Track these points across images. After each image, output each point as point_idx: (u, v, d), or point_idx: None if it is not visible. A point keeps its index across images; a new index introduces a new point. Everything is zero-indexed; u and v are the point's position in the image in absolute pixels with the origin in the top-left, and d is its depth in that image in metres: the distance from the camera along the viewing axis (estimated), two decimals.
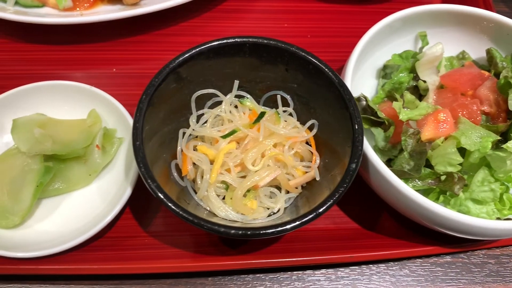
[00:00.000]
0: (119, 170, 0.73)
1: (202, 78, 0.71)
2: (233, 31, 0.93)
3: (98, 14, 0.85)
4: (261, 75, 0.73)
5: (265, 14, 0.95)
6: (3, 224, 0.67)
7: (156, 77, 0.66)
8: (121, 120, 0.75)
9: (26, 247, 0.66)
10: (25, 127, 0.71)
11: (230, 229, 0.56)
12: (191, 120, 0.72)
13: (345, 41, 0.91)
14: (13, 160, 0.71)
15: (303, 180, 0.69)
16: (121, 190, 0.69)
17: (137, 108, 0.63)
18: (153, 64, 0.86)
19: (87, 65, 0.87)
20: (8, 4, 0.85)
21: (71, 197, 0.72)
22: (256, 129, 0.70)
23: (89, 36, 0.89)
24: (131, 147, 0.72)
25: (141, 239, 0.71)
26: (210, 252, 0.70)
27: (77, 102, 0.77)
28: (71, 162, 0.72)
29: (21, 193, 0.68)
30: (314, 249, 0.72)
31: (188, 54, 0.67)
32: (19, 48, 0.87)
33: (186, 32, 0.92)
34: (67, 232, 0.68)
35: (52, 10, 0.87)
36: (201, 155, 0.67)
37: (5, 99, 0.74)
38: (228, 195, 0.68)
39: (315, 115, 0.71)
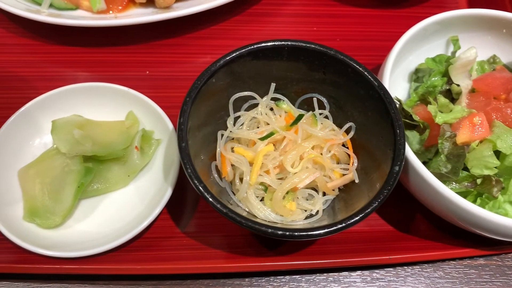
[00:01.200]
0: (157, 171, 0.74)
1: (240, 81, 0.72)
2: (262, 35, 0.93)
3: (131, 17, 0.86)
4: (297, 78, 0.74)
5: (294, 18, 0.96)
6: (45, 224, 0.68)
7: (199, 80, 0.66)
8: (159, 122, 0.75)
9: (67, 247, 0.67)
10: (65, 128, 0.72)
11: (278, 230, 0.57)
12: (229, 122, 0.73)
13: (374, 44, 0.93)
14: (52, 160, 0.72)
15: (341, 182, 0.70)
16: (161, 191, 0.70)
17: (182, 110, 0.64)
18: (184, 67, 0.89)
19: (120, 67, 0.87)
20: (43, 7, 0.86)
21: (110, 198, 0.73)
22: (293, 131, 0.71)
23: (121, 38, 0.90)
24: (168, 149, 0.74)
25: (178, 239, 0.72)
26: (247, 253, 0.71)
27: (114, 104, 0.78)
28: (109, 163, 0.73)
29: (62, 194, 0.69)
30: (349, 251, 0.72)
31: (229, 57, 0.68)
32: (53, 50, 0.88)
33: (217, 36, 0.92)
34: (107, 232, 0.69)
35: (85, 13, 0.88)
36: (240, 157, 0.68)
37: (43, 100, 0.75)
38: (267, 196, 0.68)
39: (352, 118, 0.72)
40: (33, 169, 0.71)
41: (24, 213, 0.69)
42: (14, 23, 0.91)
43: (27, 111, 0.74)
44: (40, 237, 0.67)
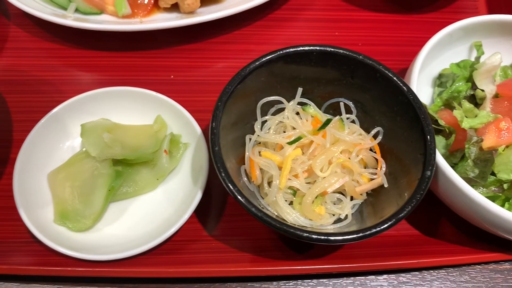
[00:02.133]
0: (185, 175, 0.75)
1: (268, 85, 0.72)
2: (284, 39, 0.94)
3: (156, 22, 0.87)
4: (324, 83, 0.74)
5: (315, 23, 0.96)
6: (75, 227, 0.69)
7: (230, 84, 0.67)
8: (186, 125, 0.76)
9: (97, 250, 0.68)
10: (94, 132, 0.73)
11: (312, 234, 0.57)
12: (256, 126, 0.73)
13: (395, 49, 0.94)
14: (81, 164, 0.72)
15: (370, 187, 0.70)
16: (190, 195, 0.71)
17: (213, 114, 0.65)
18: (207, 72, 0.90)
19: (144, 71, 0.88)
20: (68, 11, 0.87)
21: (138, 201, 0.73)
22: (321, 135, 0.71)
23: (145, 43, 0.90)
24: (196, 152, 0.75)
25: (206, 243, 0.72)
26: (274, 257, 0.71)
27: (141, 108, 0.78)
28: (138, 166, 0.73)
29: (92, 197, 0.70)
30: (376, 255, 0.73)
31: (259, 62, 0.69)
32: (78, 54, 0.89)
33: (239, 40, 0.93)
34: (136, 235, 0.70)
35: (110, 17, 0.89)
36: (269, 161, 0.69)
37: (71, 104, 0.76)
38: (296, 200, 0.69)
39: (379, 123, 0.72)
40: (63, 173, 0.72)
41: (55, 216, 0.69)
42: (39, 27, 0.91)
43: (55, 114, 0.75)
44: (71, 240, 0.68)
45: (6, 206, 0.73)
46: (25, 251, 0.70)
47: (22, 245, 0.70)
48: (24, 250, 0.70)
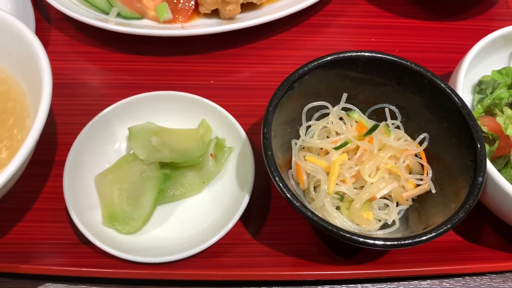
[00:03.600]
0: (230, 179, 0.75)
1: (314, 91, 0.73)
2: (321, 45, 0.95)
3: (197, 27, 0.88)
4: (369, 88, 0.75)
5: (352, 29, 0.97)
6: (124, 229, 0.69)
7: (280, 89, 0.68)
8: (230, 130, 0.77)
9: (145, 252, 0.68)
10: (141, 135, 0.73)
11: (368, 239, 0.58)
12: (301, 131, 0.74)
13: (432, 56, 0.94)
14: (129, 167, 0.73)
15: (417, 193, 0.70)
16: (236, 198, 0.71)
17: (265, 119, 0.65)
18: (247, 77, 0.90)
19: (185, 76, 0.89)
20: (110, 16, 0.88)
21: (184, 204, 0.74)
22: (367, 141, 0.72)
23: (185, 48, 0.91)
24: (241, 156, 0.76)
25: (251, 246, 0.72)
26: (319, 261, 0.71)
27: (185, 112, 0.79)
28: (184, 169, 0.74)
29: (141, 199, 0.70)
30: (419, 260, 0.73)
31: (307, 67, 0.70)
32: (118, 58, 0.90)
33: (277, 46, 0.94)
34: (184, 238, 0.70)
35: (150, 22, 0.90)
36: (316, 166, 0.69)
37: (117, 108, 0.77)
38: (343, 205, 0.69)
39: (425, 128, 0.73)
40: (111, 175, 0.73)
41: (104, 218, 0.70)
42: (80, 31, 0.93)
43: (103, 117, 0.76)
44: (119, 242, 0.68)
45: (53, 208, 0.74)
46: (73, 252, 0.70)
47: (70, 246, 0.71)
48: (72, 251, 0.70)
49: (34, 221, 0.74)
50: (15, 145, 0.68)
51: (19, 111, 0.71)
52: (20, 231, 0.72)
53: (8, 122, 0.70)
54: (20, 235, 0.72)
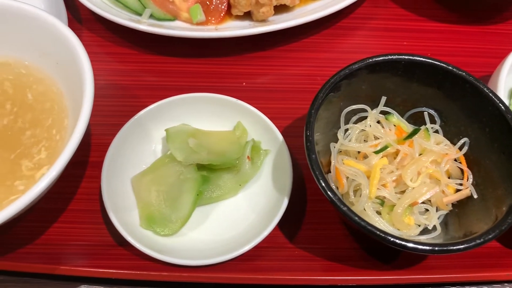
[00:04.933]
0: (266, 181, 0.75)
1: (353, 94, 0.72)
2: (352, 48, 0.94)
3: (230, 29, 0.88)
4: (408, 92, 0.74)
5: (383, 32, 0.97)
6: (163, 231, 0.69)
7: (321, 92, 0.67)
8: (266, 132, 0.76)
9: (183, 254, 0.67)
10: (178, 137, 0.73)
11: (418, 244, 0.57)
12: (339, 134, 0.73)
13: (465, 60, 0.93)
14: (167, 168, 0.73)
15: (458, 198, 0.69)
16: (274, 202, 0.71)
17: (307, 122, 0.65)
18: (279, 79, 0.90)
19: (217, 78, 0.88)
20: (143, 17, 0.88)
21: (220, 206, 0.73)
22: (407, 145, 0.71)
23: (216, 49, 0.91)
24: (277, 159, 0.75)
25: (289, 250, 0.72)
26: (358, 266, 0.71)
27: (220, 114, 0.79)
28: (220, 172, 0.74)
29: (179, 201, 0.70)
30: (457, 266, 0.72)
31: (348, 69, 0.69)
32: (150, 60, 0.90)
33: (308, 48, 0.93)
34: (222, 241, 0.70)
35: (183, 24, 0.90)
36: (357, 170, 0.68)
37: (153, 109, 0.76)
38: (383, 210, 0.68)
39: (465, 133, 0.72)
40: (148, 177, 0.72)
41: (141, 220, 0.70)
42: (111, 32, 0.93)
43: (139, 119, 0.75)
44: (158, 244, 0.68)
45: (88, 209, 0.74)
46: (109, 254, 0.70)
47: (106, 248, 0.70)
48: (108, 253, 0.70)
49: (70, 222, 0.73)
50: (54, 145, 0.68)
51: (57, 112, 0.71)
52: (56, 232, 0.72)
53: (47, 122, 0.70)
54: (56, 236, 0.72)
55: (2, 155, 0.67)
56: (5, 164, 0.66)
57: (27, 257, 0.70)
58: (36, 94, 0.72)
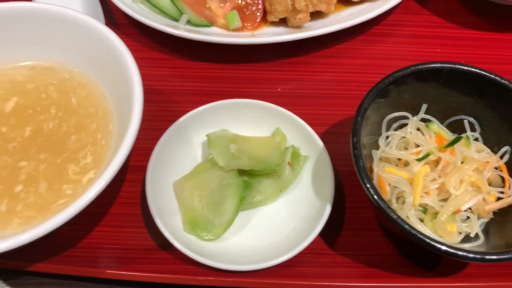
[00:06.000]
0: (306, 188, 0.75)
1: (395, 101, 0.73)
2: (385, 55, 0.95)
3: (267, 35, 0.88)
4: (448, 100, 0.74)
5: (415, 39, 0.97)
6: (206, 236, 0.69)
7: (366, 99, 0.68)
8: (305, 138, 0.77)
9: (226, 259, 0.68)
10: (220, 142, 0.74)
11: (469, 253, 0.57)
12: (381, 141, 0.73)
13: (500, 68, 0.93)
14: (208, 173, 0.73)
15: (500, 206, 0.69)
16: (315, 208, 0.71)
17: (354, 129, 0.65)
18: (315, 85, 0.90)
19: (252, 84, 0.89)
20: (180, 23, 0.89)
21: (260, 212, 0.74)
22: (448, 153, 0.71)
23: (251, 55, 0.92)
24: (317, 166, 0.76)
25: (330, 256, 0.72)
26: (400, 272, 0.71)
27: (258, 120, 0.79)
28: (261, 177, 0.74)
29: (222, 206, 0.70)
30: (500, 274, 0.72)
31: (392, 77, 0.69)
32: (185, 65, 0.91)
33: (342, 54, 0.94)
34: (264, 246, 0.70)
35: (219, 30, 0.91)
36: (400, 177, 0.69)
37: (195, 114, 0.77)
38: (426, 217, 0.68)
39: (507, 141, 0.72)
40: (190, 182, 0.73)
41: (185, 224, 0.70)
42: (147, 37, 0.94)
43: (180, 124, 0.76)
44: (201, 248, 0.68)
45: (129, 213, 0.75)
46: (152, 258, 0.70)
47: (148, 252, 0.71)
48: (152, 257, 0.70)
49: (111, 226, 0.74)
50: (99, 150, 0.69)
51: (102, 116, 0.72)
52: (98, 236, 0.73)
53: (91, 127, 0.71)
54: (98, 240, 0.72)
55: (49, 159, 0.68)
56: (52, 168, 0.67)
57: (71, 260, 0.70)
58: (79, 98, 0.73)
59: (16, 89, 0.74)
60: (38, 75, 0.75)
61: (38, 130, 0.70)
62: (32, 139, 0.69)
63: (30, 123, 0.71)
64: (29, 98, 0.73)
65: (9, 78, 0.75)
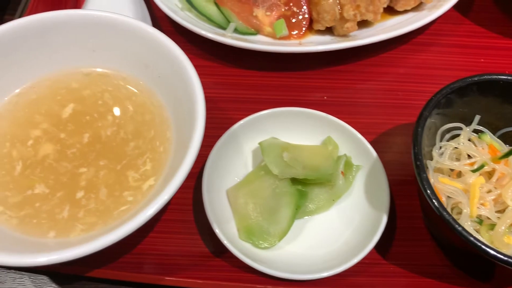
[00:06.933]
0: (359, 198, 0.75)
1: (448, 111, 0.73)
2: (429, 64, 0.95)
3: (314, 44, 0.89)
4: (501, 111, 0.74)
5: (459, 49, 0.97)
6: (262, 244, 0.70)
7: (425, 110, 0.68)
8: (357, 147, 0.77)
9: (282, 267, 0.68)
10: (272, 150, 0.74)
11: None
12: (434, 152, 0.73)
13: None
14: (261, 182, 0.74)
15: None
16: (370, 218, 0.72)
17: (415, 140, 0.66)
18: (361, 94, 0.91)
19: (297, 92, 0.90)
20: (228, 31, 0.90)
21: (313, 221, 0.74)
22: (502, 164, 0.71)
23: (297, 63, 0.92)
24: (370, 175, 0.76)
25: (383, 266, 0.72)
26: (454, 283, 0.71)
27: (306, 128, 0.80)
28: (314, 186, 0.74)
29: (277, 215, 0.71)
30: None
31: (450, 88, 0.70)
32: (232, 73, 0.92)
33: (385, 63, 0.94)
34: (318, 256, 0.71)
35: (265, 38, 0.91)
36: (456, 188, 0.69)
37: (246, 123, 0.78)
38: (482, 228, 0.68)
39: None
40: (243, 189, 0.73)
41: (240, 232, 0.71)
42: (193, 45, 0.94)
43: (233, 132, 0.76)
44: (258, 256, 0.69)
45: (182, 219, 0.75)
46: (209, 265, 0.71)
47: (205, 259, 0.71)
48: (208, 264, 0.71)
49: (165, 232, 0.74)
50: (158, 157, 0.69)
51: (158, 124, 0.72)
52: (152, 242, 0.73)
53: (149, 134, 0.71)
54: (152, 246, 0.73)
55: (108, 166, 0.68)
56: (112, 174, 0.68)
57: (127, 266, 0.71)
58: (135, 106, 0.74)
59: (72, 96, 0.75)
60: (94, 82, 0.76)
61: (96, 137, 0.71)
62: (90, 146, 0.70)
63: (88, 130, 0.71)
64: (86, 104, 0.74)
65: (64, 85, 0.76)
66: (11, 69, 0.73)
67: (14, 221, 0.64)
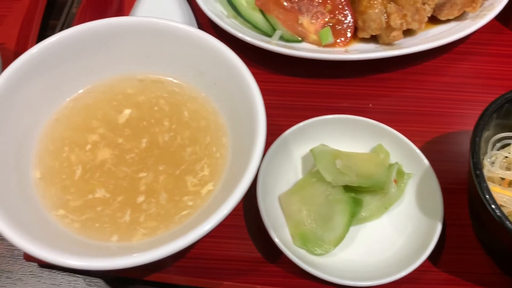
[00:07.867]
0: (411, 206, 0.76)
1: (500, 121, 0.74)
2: (471, 73, 0.95)
3: (359, 52, 0.90)
4: None
5: (503, 58, 0.97)
6: (317, 251, 0.70)
7: (482, 119, 0.69)
8: (407, 155, 0.78)
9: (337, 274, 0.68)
10: (324, 158, 0.75)
11: None
12: (486, 161, 0.74)
13: None
14: (313, 188, 0.74)
15: None
16: (423, 227, 0.72)
17: (472, 150, 0.66)
18: (404, 101, 0.92)
19: (342, 99, 0.91)
20: (273, 38, 0.91)
21: (365, 228, 0.75)
22: None
23: (340, 70, 0.93)
24: (421, 184, 0.76)
25: (434, 274, 0.73)
26: None
27: (355, 135, 0.80)
28: (366, 193, 0.75)
29: (332, 222, 0.71)
30: None
31: (504, 98, 0.70)
32: (277, 80, 0.93)
33: (429, 72, 0.95)
34: (373, 263, 0.71)
35: (310, 45, 0.92)
36: (510, 198, 0.69)
37: (296, 130, 0.79)
38: None
39: None
40: (296, 196, 0.74)
41: (295, 239, 0.71)
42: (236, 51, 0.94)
43: (284, 139, 0.77)
44: (313, 262, 0.69)
45: (233, 224, 0.76)
46: (264, 271, 0.72)
47: (259, 265, 0.72)
48: (262, 270, 0.72)
49: (216, 236, 0.75)
50: (215, 163, 0.70)
51: (214, 130, 0.73)
52: (206, 247, 0.74)
53: (205, 140, 0.72)
54: (206, 250, 0.74)
55: (167, 171, 0.69)
56: (171, 179, 0.69)
57: (181, 270, 0.72)
58: (190, 112, 0.75)
59: (128, 101, 0.76)
60: (148, 88, 0.77)
61: (154, 142, 0.72)
62: (149, 151, 0.71)
63: (145, 135, 0.73)
64: (142, 110, 0.75)
65: (120, 90, 0.77)
66: (68, 74, 0.74)
67: (76, 225, 0.65)
